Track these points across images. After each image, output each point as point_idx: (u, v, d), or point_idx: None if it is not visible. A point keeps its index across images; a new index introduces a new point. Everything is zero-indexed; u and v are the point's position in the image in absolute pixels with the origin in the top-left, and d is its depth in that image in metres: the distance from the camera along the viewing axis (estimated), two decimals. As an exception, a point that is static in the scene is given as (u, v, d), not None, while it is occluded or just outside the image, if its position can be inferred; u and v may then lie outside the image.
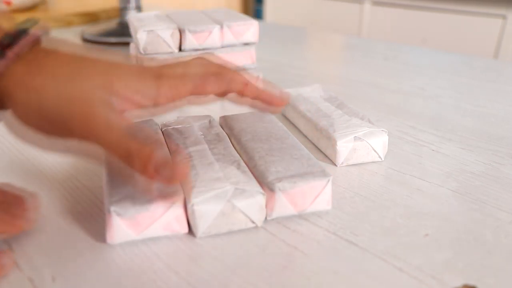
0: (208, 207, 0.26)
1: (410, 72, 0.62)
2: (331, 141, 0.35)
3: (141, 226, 0.26)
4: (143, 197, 0.26)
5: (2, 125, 0.26)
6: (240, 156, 0.32)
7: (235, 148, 0.33)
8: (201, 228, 0.26)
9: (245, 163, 0.31)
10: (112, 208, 0.25)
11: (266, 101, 0.29)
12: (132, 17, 0.51)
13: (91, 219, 0.28)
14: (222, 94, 0.28)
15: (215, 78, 0.27)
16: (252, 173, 0.29)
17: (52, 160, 0.36)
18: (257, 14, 2.20)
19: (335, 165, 0.35)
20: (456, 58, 0.70)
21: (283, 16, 2.02)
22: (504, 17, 1.43)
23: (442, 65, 0.66)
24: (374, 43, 0.80)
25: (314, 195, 0.28)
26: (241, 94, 0.28)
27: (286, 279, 0.23)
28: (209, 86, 0.27)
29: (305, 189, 0.28)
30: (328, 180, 0.28)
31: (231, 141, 0.34)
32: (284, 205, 0.28)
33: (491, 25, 1.46)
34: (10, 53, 0.25)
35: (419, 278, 0.24)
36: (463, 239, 0.27)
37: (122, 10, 0.81)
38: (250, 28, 0.48)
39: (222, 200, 0.26)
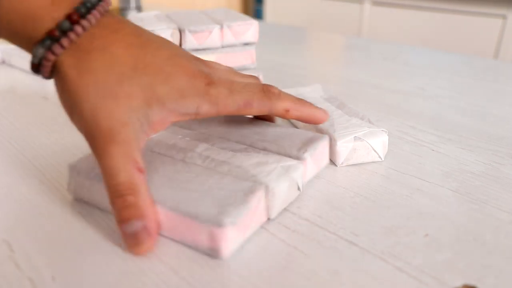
0: (280, 185, 0.28)
1: (410, 72, 0.62)
2: (331, 141, 0.35)
3: (247, 227, 0.26)
4: (233, 200, 0.25)
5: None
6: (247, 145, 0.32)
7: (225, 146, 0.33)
8: (276, 209, 0.28)
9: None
10: (226, 220, 0.24)
11: (306, 121, 0.32)
12: (132, 17, 0.51)
13: (91, 219, 0.28)
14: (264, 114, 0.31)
15: (258, 103, 0.29)
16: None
17: (53, 160, 0.36)
18: (257, 14, 2.20)
19: (335, 165, 0.35)
20: (456, 58, 0.70)
21: (283, 16, 2.02)
22: (504, 17, 1.43)
23: (442, 65, 0.66)
24: (374, 43, 0.80)
25: (324, 155, 0.33)
26: (282, 117, 0.31)
27: (286, 279, 0.23)
28: (251, 110, 0.29)
29: (320, 151, 0.32)
30: (327, 139, 0.33)
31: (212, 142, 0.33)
32: (310, 169, 0.31)
33: (491, 25, 1.46)
34: (92, 17, 0.26)
35: (419, 278, 0.24)
36: (463, 239, 0.27)
37: (122, 10, 0.81)
38: (250, 28, 0.48)
39: (285, 177, 0.28)
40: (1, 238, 0.27)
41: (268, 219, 0.28)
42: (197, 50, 0.47)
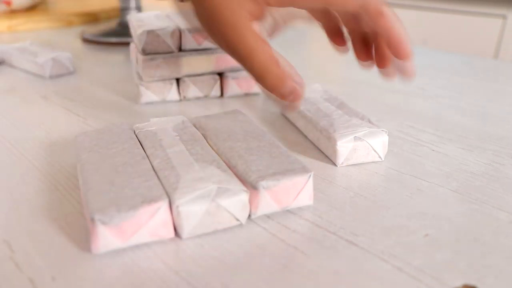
0: (193, 207, 0.26)
1: (410, 72, 0.62)
2: (331, 141, 0.35)
3: (127, 233, 0.25)
4: (127, 203, 0.25)
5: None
6: (219, 156, 0.31)
7: (212, 148, 0.32)
8: (186, 229, 0.26)
9: (225, 163, 0.30)
10: (97, 217, 0.24)
11: (388, 44, 0.29)
12: (132, 17, 0.51)
13: (91, 219, 0.28)
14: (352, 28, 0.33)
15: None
16: (233, 172, 0.29)
17: (53, 160, 0.36)
18: (257, 14, 2.19)
19: (335, 165, 0.35)
20: (456, 58, 0.70)
21: (283, 16, 2.01)
22: (504, 17, 1.43)
23: (442, 65, 0.66)
24: (374, 43, 0.80)
25: (297, 191, 0.28)
26: (371, 24, 0.29)
27: (286, 279, 0.24)
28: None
29: (288, 185, 0.28)
30: (309, 176, 0.28)
31: (207, 141, 0.33)
32: (268, 202, 0.28)
33: (491, 25, 1.46)
34: None
35: (419, 278, 0.24)
36: (463, 239, 0.27)
37: (122, 10, 0.81)
38: (250, 28, 0.48)
39: (206, 199, 0.26)
40: (1, 238, 0.27)
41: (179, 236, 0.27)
42: (197, 50, 0.47)
